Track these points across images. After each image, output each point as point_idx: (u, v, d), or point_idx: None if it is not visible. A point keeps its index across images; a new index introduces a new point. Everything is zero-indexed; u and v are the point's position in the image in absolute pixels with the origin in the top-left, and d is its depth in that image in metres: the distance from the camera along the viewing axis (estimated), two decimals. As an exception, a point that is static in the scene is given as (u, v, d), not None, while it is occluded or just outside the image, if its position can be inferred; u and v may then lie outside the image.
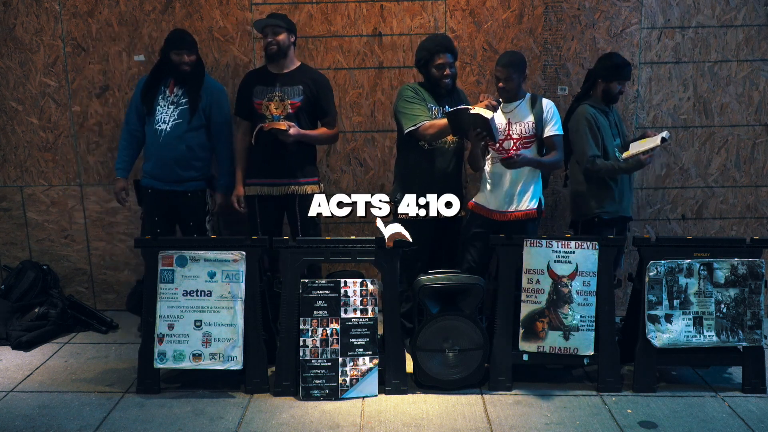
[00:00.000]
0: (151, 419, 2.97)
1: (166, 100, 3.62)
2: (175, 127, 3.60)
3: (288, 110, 3.51)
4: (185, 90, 3.61)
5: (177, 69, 3.58)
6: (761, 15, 3.95)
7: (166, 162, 3.62)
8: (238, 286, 3.18)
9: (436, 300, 3.24)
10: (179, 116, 3.60)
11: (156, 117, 3.61)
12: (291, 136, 3.42)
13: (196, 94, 3.61)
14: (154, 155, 3.65)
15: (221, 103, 3.71)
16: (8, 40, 4.03)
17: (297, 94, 3.53)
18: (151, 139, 3.64)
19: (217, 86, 3.75)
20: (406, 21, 3.97)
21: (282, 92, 3.52)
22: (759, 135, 4.10)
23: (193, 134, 3.63)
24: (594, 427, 2.89)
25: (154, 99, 3.62)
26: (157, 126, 3.61)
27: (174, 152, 3.61)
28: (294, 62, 3.62)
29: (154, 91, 3.63)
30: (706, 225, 4.20)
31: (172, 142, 3.60)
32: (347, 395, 3.15)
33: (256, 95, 3.56)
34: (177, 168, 3.64)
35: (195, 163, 3.69)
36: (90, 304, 4.26)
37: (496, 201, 3.46)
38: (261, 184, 3.60)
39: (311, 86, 3.56)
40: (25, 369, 3.52)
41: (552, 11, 3.95)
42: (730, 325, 3.20)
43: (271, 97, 3.52)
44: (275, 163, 3.55)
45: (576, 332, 3.20)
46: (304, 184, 3.61)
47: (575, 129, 3.49)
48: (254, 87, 3.57)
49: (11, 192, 4.24)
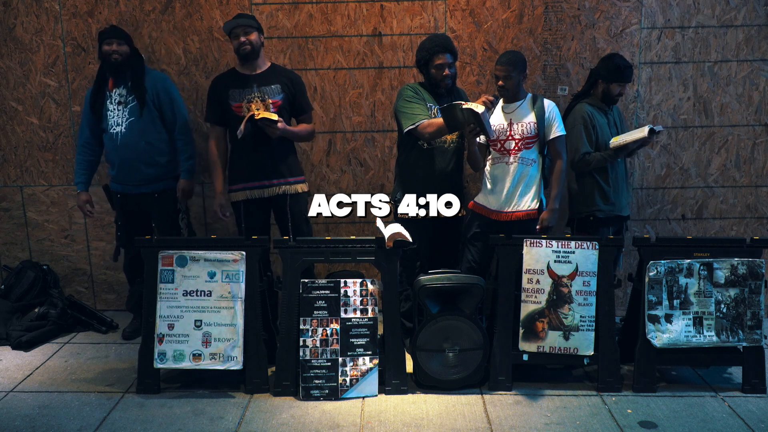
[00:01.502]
0: (151, 419, 2.97)
1: (113, 103, 3.60)
2: (129, 126, 3.59)
3: (270, 109, 3.46)
4: (129, 87, 3.59)
5: (109, 60, 3.53)
6: (761, 15, 3.95)
7: (129, 163, 3.61)
8: (238, 286, 3.18)
9: (436, 300, 3.24)
10: (130, 114, 3.59)
11: (109, 122, 3.60)
12: (278, 130, 3.38)
13: (140, 88, 3.58)
14: (116, 159, 3.64)
15: (167, 88, 3.68)
16: (8, 40, 4.03)
17: (276, 93, 3.49)
18: (110, 145, 3.63)
19: (158, 74, 3.73)
20: (406, 21, 3.97)
21: (261, 92, 3.48)
22: (759, 135, 4.10)
23: (149, 128, 3.62)
24: (594, 427, 2.89)
25: (102, 105, 3.62)
26: (111, 130, 3.60)
27: (135, 151, 3.60)
28: (265, 62, 3.58)
29: (101, 97, 3.62)
30: (706, 225, 4.20)
31: (130, 141, 3.59)
32: (347, 395, 3.15)
33: (232, 98, 3.48)
34: (142, 166, 3.63)
35: (158, 158, 3.67)
36: (90, 304, 4.26)
37: (496, 201, 3.46)
38: (248, 188, 3.55)
39: (288, 84, 3.53)
40: (25, 369, 3.52)
41: (552, 11, 3.95)
42: (730, 325, 3.20)
43: (250, 98, 3.47)
44: (261, 164, 3.51)
45: (576, 332, 3.20)
46: (294, 183, 3.59)
47: (571, 126, 3.52)
48: (228, 91, 3.49)
49: (11, 192, 4.24)
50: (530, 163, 3.40)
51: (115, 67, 3.55)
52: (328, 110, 4.09)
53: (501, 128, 3.41)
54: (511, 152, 3.40)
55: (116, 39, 3.53)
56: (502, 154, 3.42)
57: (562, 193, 3.46)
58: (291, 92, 3.55)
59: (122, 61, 3.55)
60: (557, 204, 3.42)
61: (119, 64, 3.54)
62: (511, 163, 3.39)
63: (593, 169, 3.53)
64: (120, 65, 3.55)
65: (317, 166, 4.14)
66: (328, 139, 4.12)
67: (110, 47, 3.52)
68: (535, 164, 3.42)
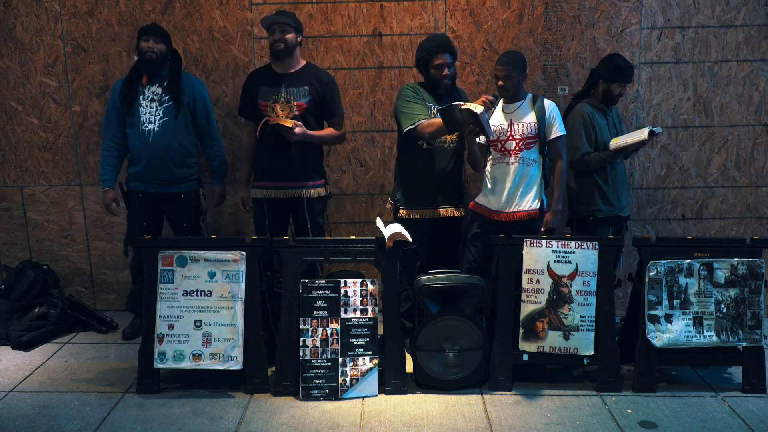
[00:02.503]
0: (151, 419, 2.97)
1: (146, 100, 3.60)
2: (163, 126, 3.59)
3: (294, 112, 3.47)
4: (164, 86, 3.59)
5: (144, 57, 3.55)
6: (761, 15, 3.95)
7: (159, 162, 3.61)
8: (238, 286, 3.18)
9: (436, 300, 3.24)
10: (165, 113, 3.59)
11: (140, 118, 3.59)
12: (295, 135, 3.39)
13: (176, 90, 3.59)
14: (144, 157, 3.62)
15: (203, 93, 3.71)
16: (8, 40, 4.03)
17: (303, 95, 3.49)
18: (139, 142, 3.61)
19: (196, 79, 3.75)
20: (406, 21, 3.97)
21: (287, 93, 3.48)
22: (759, 135, 4.10)
23: (182, 130, 3.63)
24: (594, 427, 2.89)
25: (134, 99, 3.60)
26: (143, 127, 3.58)
27: (167, 151, 3.60)
28: (299, 62, 3.57)
29: (133, 91, 3.61)
30: (706, 225, 4.20)
31: (163, 141, 3.59)
32: (347, 395, 3.15)
33: (261, 96, 3.52)
34: (171, 167, 3.63)
35: (188, 160, 3.69)
36: (90, 304, 4.26)
37: (497, 201, 3.46)
38: (268, 187, 3.58)
39: (317, 86, 3.52)
40: (25, 369, 3.52)
41: (552, 11, 3.95)
42: (730, 325, 3.20)
43: (276, 98, 3.48)
44: (282, 166, 3.53)
45: (576, 332, 3.20)
46: (311, 188, 3.59)
47: (571, 126, 3.53)
48: (259, 88, 3.53)
49: (11, 192, 4.24)
50: (531, 163, 3.40)
51: (150, 64, 3.56)
52: (328, 110, 4.09)
53: (501, 128, 3.41)
54: (511, 152, 3.40)
55: (153, 36, 3.55)
56: (503, 155, 3.42)
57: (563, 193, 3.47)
58: (319, 94, 3.52)
59: (157, 59, 3.56)
60: (560, 205, 3.42)
61: (153, 62, 3.56)
62: (512, 164, 3.39)
63: (592, 170, 3.53)
64: (154, 63, 3.56)
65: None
66: (328, 139, 4.12)
67: (147, 44, 3.54)
68: (536, 164, 3.42)
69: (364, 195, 4.20)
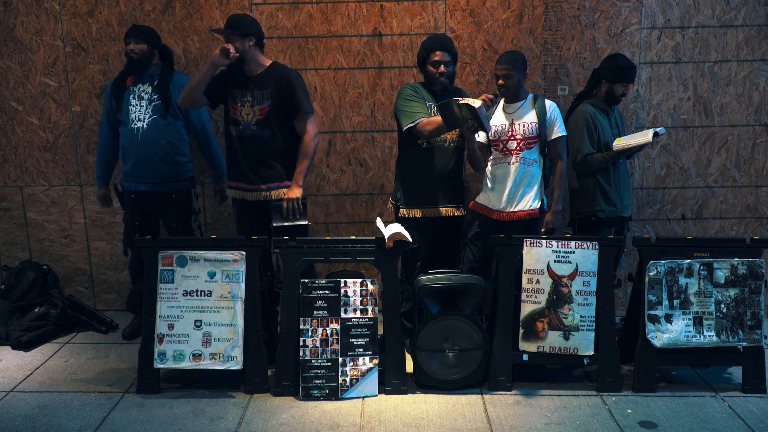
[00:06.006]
0: (151, 419, 2.97)
1: (136, 98, 3.63)
2: (152, 123, 3.61)
3: (257, 116, 3.38)
4: (154, 85, 3.63)
5: (128, 57, 3.62)
6: (761, 15, 3.95)
7: (148, 160, 3.63)
8: (238, 286, 3.18)
9: (436, 300, 3.24)
10: (154, 111, 3.62)
11: (130, 116, 3.63)
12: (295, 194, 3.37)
13: (165, 89, 3.62)
14: (134, 155, 3.65)
15: None
16: (8, 40, 4.03)
17: (266, 99, 3.38)
18: (129, 139, 3.65)
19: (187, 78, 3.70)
20: (406, 21, 3.97)
21: (252, 97, 3.39)
22: (759, 135, 4.10)
23: (171, 128, 3.65)
24: (594, 427, 2.89)
25: (124, 98, 3.65)
26: (132, 125, 3.62)
27: (155, 148, 3.62)
28: (262, 63, 3.44)
29: (122, 90, 3.67)
30: (706, 225, 4.20)
31: (151, 138, 3.61)
32: (347, 395, 3.14)
33: (231, 97, 3.43)
34: (160, 164, 3.65)
35: (178, 158, 3.70)
36: (90, 304, 4.26)
37: (498, 201, 3.46)
38: (236, 188, 3.52)
39: (279, 85, 3.39)
40: (25, 369, 3.52)
41: (552, 11, 3.95)
42: (730, 325, 3.20)
43: (243, 101, 3.40)
44: (248, 169, 3.44)
45: (576, 332, 3.20)
46: (275, 189, 3.47)
47: (573, 127, 3.52)
48: (232, 89, 3.43)
49: (11, 192, 4.24)
50: (532, 163, 3.40)
51: (132, 64, 3.61)
52: (328, 110, 4.08)
53: (503, 128, 3.41)
54: (512, 152, 3.40)
55: (134, 38, 3.60)
56: (504, 154, 3.42)
57: (563, 194, 3.47)
58: (281, 93, 3.39)
59: (138, 59, 3.60)
60: (560, 205, 3.42)
61: (135, 62, 3.61)
62: (513, 163, 3.40)
63: (594, 170, 3.53)
64: (137, 63, 3.61)
65: (317, 167, 4.14)
66: (328, 139, 4.12)
67: (128, 46, 3.60)
68: (537, 164, 3.42)
69: (364, 195, 4.20)
